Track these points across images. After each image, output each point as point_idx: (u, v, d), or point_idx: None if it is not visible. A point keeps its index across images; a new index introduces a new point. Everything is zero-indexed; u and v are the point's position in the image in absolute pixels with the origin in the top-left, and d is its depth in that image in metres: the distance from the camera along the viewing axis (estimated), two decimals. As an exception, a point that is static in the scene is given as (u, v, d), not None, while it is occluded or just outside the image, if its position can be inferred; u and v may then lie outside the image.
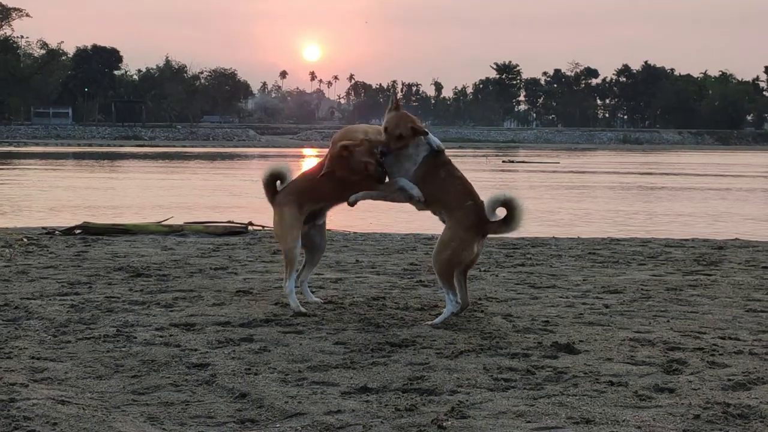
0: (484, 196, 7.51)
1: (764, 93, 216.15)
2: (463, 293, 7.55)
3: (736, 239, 15.05)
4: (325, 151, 7.82)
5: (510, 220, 7.37)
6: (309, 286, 8.28)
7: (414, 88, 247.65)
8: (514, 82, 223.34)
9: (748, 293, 9.04)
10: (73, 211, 20.82)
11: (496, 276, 10.04)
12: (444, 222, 7.59)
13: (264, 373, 5.73)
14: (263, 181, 8.01)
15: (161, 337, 6.73)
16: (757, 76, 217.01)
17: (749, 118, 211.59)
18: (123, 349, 6.36)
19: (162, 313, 7.67)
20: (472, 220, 7.40)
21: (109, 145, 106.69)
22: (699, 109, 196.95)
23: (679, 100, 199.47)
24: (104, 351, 6.30)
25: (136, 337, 6.70)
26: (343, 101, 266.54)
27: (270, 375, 5.69)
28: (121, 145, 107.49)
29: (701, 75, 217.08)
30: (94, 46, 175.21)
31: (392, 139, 7.37)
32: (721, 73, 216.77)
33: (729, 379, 5.62)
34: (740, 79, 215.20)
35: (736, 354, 6.32)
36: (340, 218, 19.27)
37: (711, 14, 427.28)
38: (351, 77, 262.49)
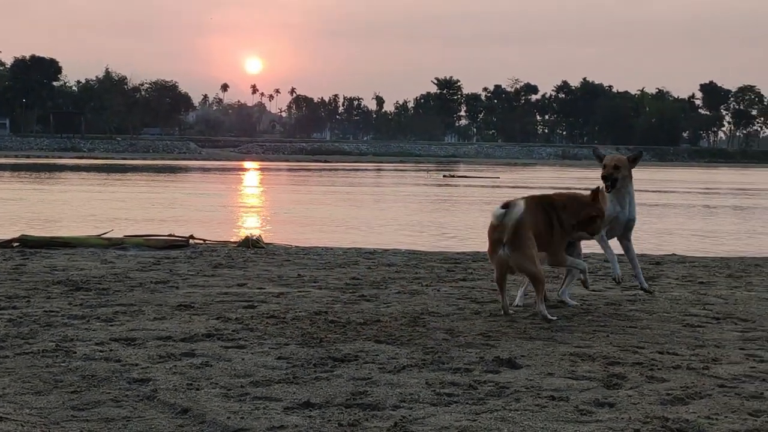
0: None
1: (700, 110, 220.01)
2: None
3: (673, 254, 15.27)
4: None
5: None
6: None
7: (355, 102, 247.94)
8: (455, 97, 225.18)
9: (686, 308, 9.17)
10: (10, 223, 20.51)
11: (438, 291, 10.09)
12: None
13: (206, 389, 5.69)
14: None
15: (101, 351, 6.66)
16: (693, 94, 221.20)
17: (685, 134, 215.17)
18: (62, 364, 6.28)
19: (102, 327, 7.59)
20: None
21: (47, 157, 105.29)
22: (636, 126, 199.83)
23: (617, 116, 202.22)
24: (43, 366, 6.22)
25: (75, 352, 6.62)
26: (284, 114, 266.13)
27: (212, 390, 5.66)
28: (60, 157, 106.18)
29: (638, 92, 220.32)
30: (33, 57, 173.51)
31: None
32: (657, 90, 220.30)
33: (668, 394, 5.69)
34: (676, 97, 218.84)
35: (674, 369, 6.41)
36: (281, 232, 19.25)
37: (648, 33, 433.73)
38: (293, 90, 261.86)
